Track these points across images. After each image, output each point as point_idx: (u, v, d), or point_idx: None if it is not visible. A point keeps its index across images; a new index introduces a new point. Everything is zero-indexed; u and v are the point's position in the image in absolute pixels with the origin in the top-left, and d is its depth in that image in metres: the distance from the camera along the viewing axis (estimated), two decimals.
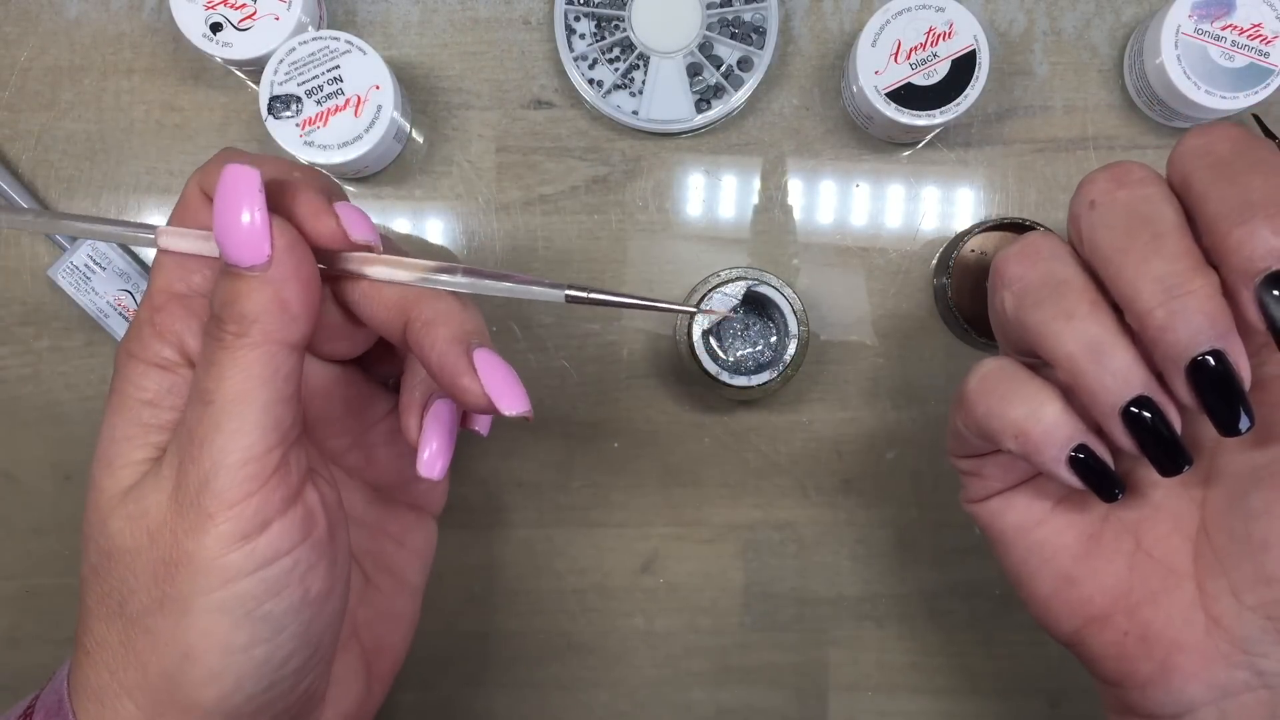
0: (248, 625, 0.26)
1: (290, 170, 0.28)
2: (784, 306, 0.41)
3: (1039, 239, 0.26)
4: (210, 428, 0.26)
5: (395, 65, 0.44)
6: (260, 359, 0.26)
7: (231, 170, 0.26)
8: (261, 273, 0.26)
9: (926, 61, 0.42)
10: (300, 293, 0.26)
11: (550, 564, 0.46)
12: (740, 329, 0.43)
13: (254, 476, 0.26)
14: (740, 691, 0.46)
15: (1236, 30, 0.42)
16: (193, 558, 0.26)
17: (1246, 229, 0.23)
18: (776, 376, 0.41)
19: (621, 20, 0.44)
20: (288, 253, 0.26)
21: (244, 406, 0.26)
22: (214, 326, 0.26)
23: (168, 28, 0.45)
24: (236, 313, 0.26)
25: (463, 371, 0.27)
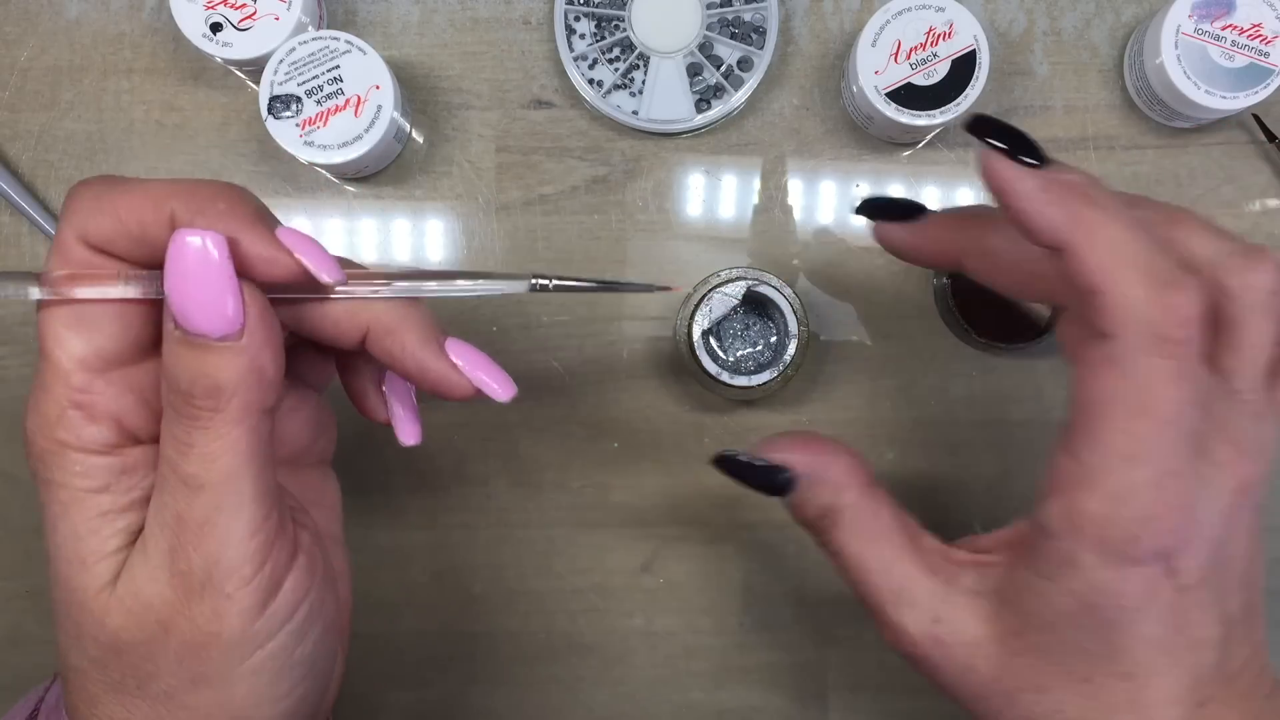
0: (287, 674, 0.27)
1: (214, 198, 0.25)
2: (784, 306, 0.41)
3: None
4: (207, 512, 0.25)
5: (395, 65, 0.44)
6: (246, 434, 0.25)
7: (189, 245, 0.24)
8: (235, 342, 0.24)
9: (926, 61, 0.42)
10: (274, 357, 0.25)
11: (550, 564, 0.46)
12: (740, 329, 0.43)
13: (262, 546, 0.26)
14: (740, 691, 0.46)
15: (1236, 30, 0.42)
16: (220, 638, 0.25)
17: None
18: (776, 377, 0.41)
19: (621, 20, 0.44)
20: (261, 320, 0.25)
21: (239, 484, 0.25)
22: (183, 404, 0.25)
23: (168, 28, 0.45)
24: (211, 388, 0.24)
25: (446, 370, 0.27)
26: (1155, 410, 0.27)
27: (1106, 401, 0.27)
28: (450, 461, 0.46)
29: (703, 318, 0.41)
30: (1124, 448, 0.27)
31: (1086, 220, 0.27)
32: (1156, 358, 0.26)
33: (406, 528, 0.46)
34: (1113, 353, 0.27)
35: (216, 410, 0.25)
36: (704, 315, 0.41)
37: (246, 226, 0.25)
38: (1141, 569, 0.28)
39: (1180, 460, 0.27)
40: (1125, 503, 0.28)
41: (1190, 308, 0.26)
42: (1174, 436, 0.27)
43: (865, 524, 0.33)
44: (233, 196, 0.26)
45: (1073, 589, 0.29)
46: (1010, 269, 0.32)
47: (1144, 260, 0.27)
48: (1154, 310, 0.26)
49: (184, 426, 0.25)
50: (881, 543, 0.33)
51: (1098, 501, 0.28)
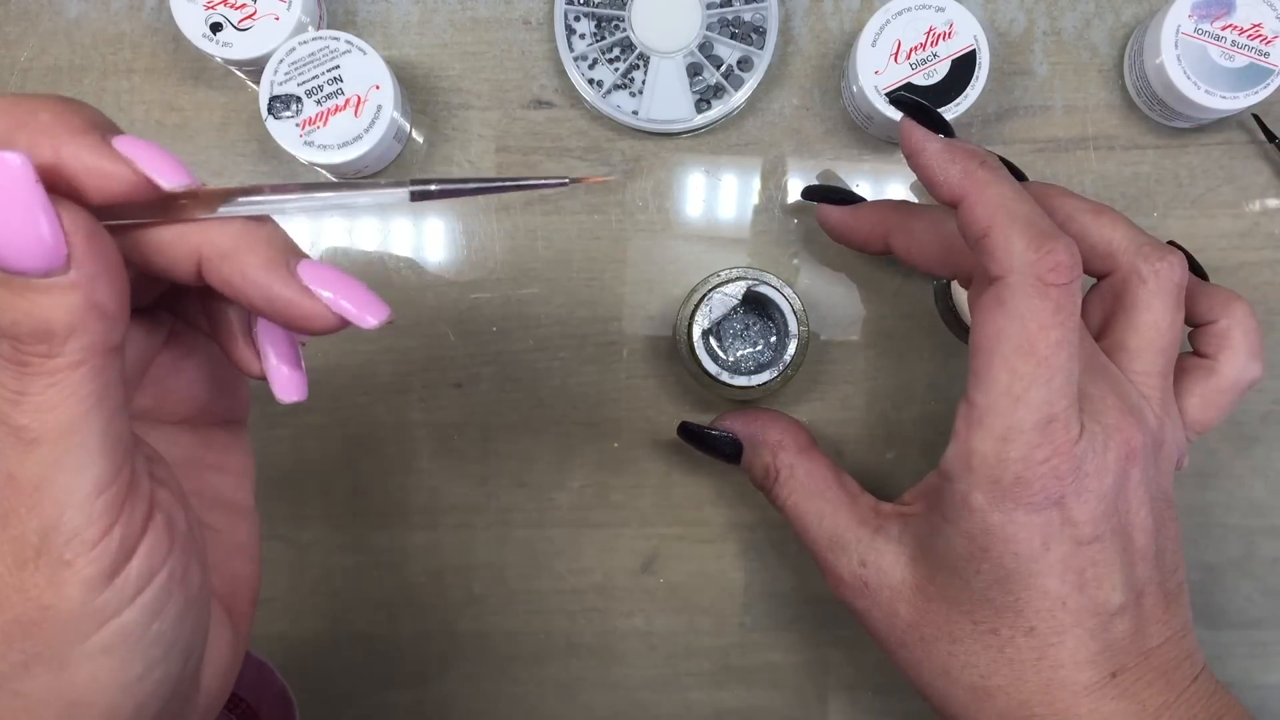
0: (140, 655, 0.23)
1: (36, 110, 0.21)
2: (784, 306, 0.41)
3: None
4: (43, 469, 0.21)
5: (395, 65, 0.44)
6: (87, 377, 0.21)
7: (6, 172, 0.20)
8: (61, 276, 0.20)
9: (926, 61, 0.42)
10: (113, 288, 0.21)
11: (550, 564, 0.46)
12: (740, 329, 0.43)
13: (110, 507, 0.22)
14: (740, 691, 0.46)
15: (1236, 30, 0.42)
16: (55, 611, 0.22)
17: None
18: (776, 377, 0.41)
19: (621, 20, 0.44)
20: (89, 245, 0.21)
21: (81, 436, 0.21)
22: (9, 350, 0.21)
23: (168, 28, 0.45)
24: (39, 331, 0.21)
25: (296, 296, 0.23)
26: (1036, 348, 0.30)
27: (994, 339, 0.30)
28: (450, 461, 0.46)
29: (703, 317, 0.41)
30: (1008, 385, 0.30)
31: (978, 177, 0.31)
32: (1036, 299, 0.30)
33: (406, 528, 0.46)
34: (1000, 293, 0.30)
35: (50, 355, 0.21)
36: (704, 315, 0.41)
37: (73, 137, 0.21)
38: (1034, 515, 0.30)
39: (1061, 406, 0.30)
40: (1011, 442, 0.30)
41: (1065, 256, 0.30)
42: (1054, 377, 0.30)
43: (802, 481, 0.38)
44: (58, 107, 0.21)
45: (968, 530, 0.31)
46: (926, 246, 0.37)
47: (1025, 214, 0.31)
48: (1033, 255, 0.30)
49: (14, 373, 0.21)
50: (817, 497, 0.37)
51: (988, 442, 0.30)
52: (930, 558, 0.33)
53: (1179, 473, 0.47)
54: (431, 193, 0.24)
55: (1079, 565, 0.31)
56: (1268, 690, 0.47)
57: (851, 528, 0.36)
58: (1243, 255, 0.45)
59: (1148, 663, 0.32)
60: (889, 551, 0.34)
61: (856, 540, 0.35)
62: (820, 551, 0.36)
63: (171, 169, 0.22)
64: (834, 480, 0.37)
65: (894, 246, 0.39)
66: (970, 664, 0.32)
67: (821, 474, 0.38)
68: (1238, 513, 0.46)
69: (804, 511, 0.37)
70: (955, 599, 0.32)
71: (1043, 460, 0.30)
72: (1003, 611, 0.31)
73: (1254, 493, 0.46)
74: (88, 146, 0.21)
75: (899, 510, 0.36)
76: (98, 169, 0.21)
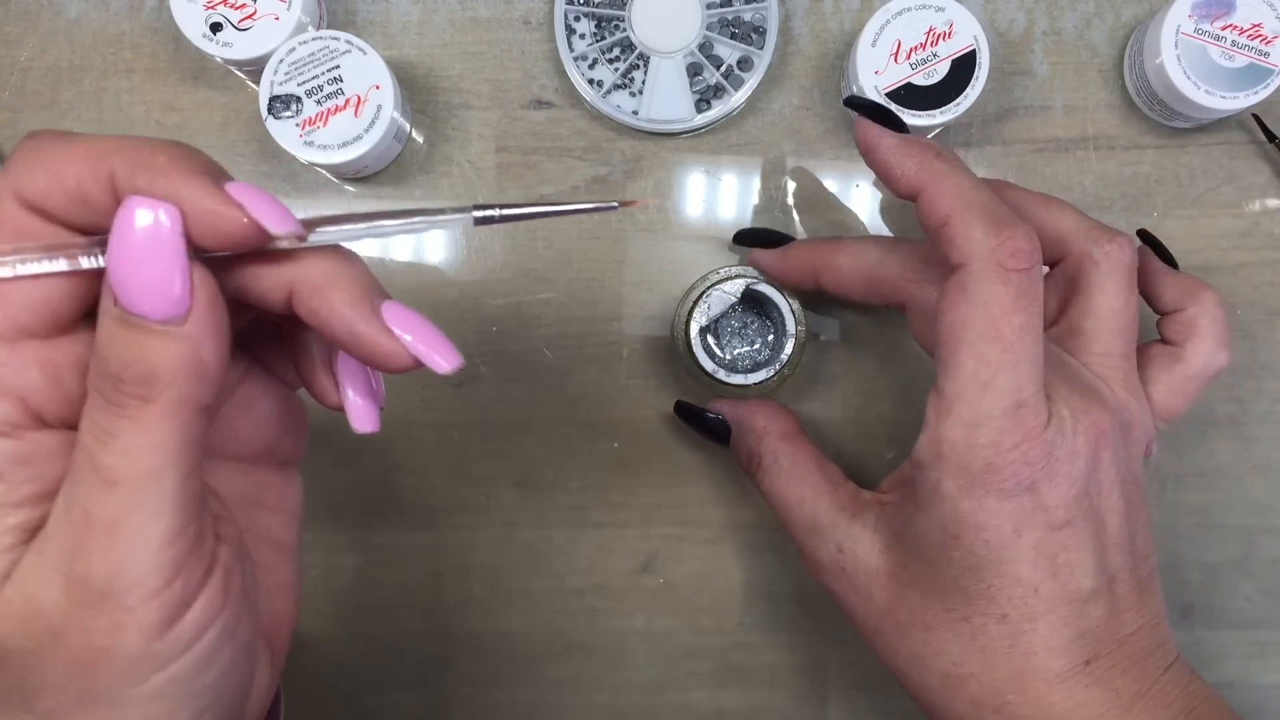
0: (188, 704, 0.24)
1: (154, 152, 0.22)
2: (782, 306, 0.41)
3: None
4: (119, 512, 0.22)
5: (395, 65, 0.44)
6: (175, 429, 0.22)
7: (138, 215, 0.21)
8: (176, 326, 0.22)
9: (926, 61, 0.42)
10: (217, 349, 0.23)
11: (550, 564, 0.46)
12: (738, 327, 0.44)
13: (175, 560, 0.23)
14: (740, 691, 0.46)
15: (1236, 30, 0.42)
16: (113, 654, 0.23)
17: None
18: (773, 376, 0.41)
19: (621, 20, 0.44)
20: (208, 304, 0.22)
21: (159, 485, 0.22)
22: (109, 387, 0.22)
23: (168, 28, 0.45)
24: (144, 374, 0.22)
25: (379, 336, 0.24)
26: (1001, 334, 0.30)
27: (959, 326, 0.30)
28: (450, 461, 0.46)
29: (700, 315, 0.41)
30: (975, 372, 0.30)
31: (935, 169, 0.32)
32: (998, 284, 0.30)
33: (406, 528, 0.46)
34: (962, 280, 0.30)
35: (147, 400, 0.22)
36: (702, 312, 0.41)
37: (190, 180, 0.22)
38: (1005, 502, 0.30)
39: (1029, 391, 0.30)
40: (980, 429, 0.30)
41: (1024, 241, 0.30)
42: (1020, 363, 0.30)
43: (785, 467, 0.38)
44: (175, 151, 0.23)
45: (939, 518, 0.31)
46: (851, 280, 0.38)
47: (983, 202, 0.31)
48: (992, 241, 0.30)
49: (108, 414, 0.22)
50: (799, 483, 0.37)
51: (958, 430, 0.31)
52: (904, 545, 0.33)
53: (1177, 473, 0.47)
54: (494, 218, 0.26)
55: (1051, 551, 0.31)
56: (1268, 690, 0.47)
57: (830, 514, 0.36)
58: (1243, 255, 0.45)
59: (1121, 650, 0.32)
60: (865, 538, 0.35)
61: (834, 526, 0.36)
62: (800, 536, 0.37)
63: (280, 216, 0.23)
64: (815, 467, 0.38)
65: (823, 284, 0.39)
66: (943, 651, 0.32)
67: (804, 461, 0.38)
68: (1238, 513, 0.46)
69: (785, 496, 0.38)
70: (928, 586, 0.32)
71: (1012, 446, 0.30)
72: (974, 599, 0.31)
73: (1254, 493, 0.46)
74: (204, 191, 0.22)
75: (877, 498, 0.36)
76: (213, 214, 0.22)
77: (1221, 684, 0.47)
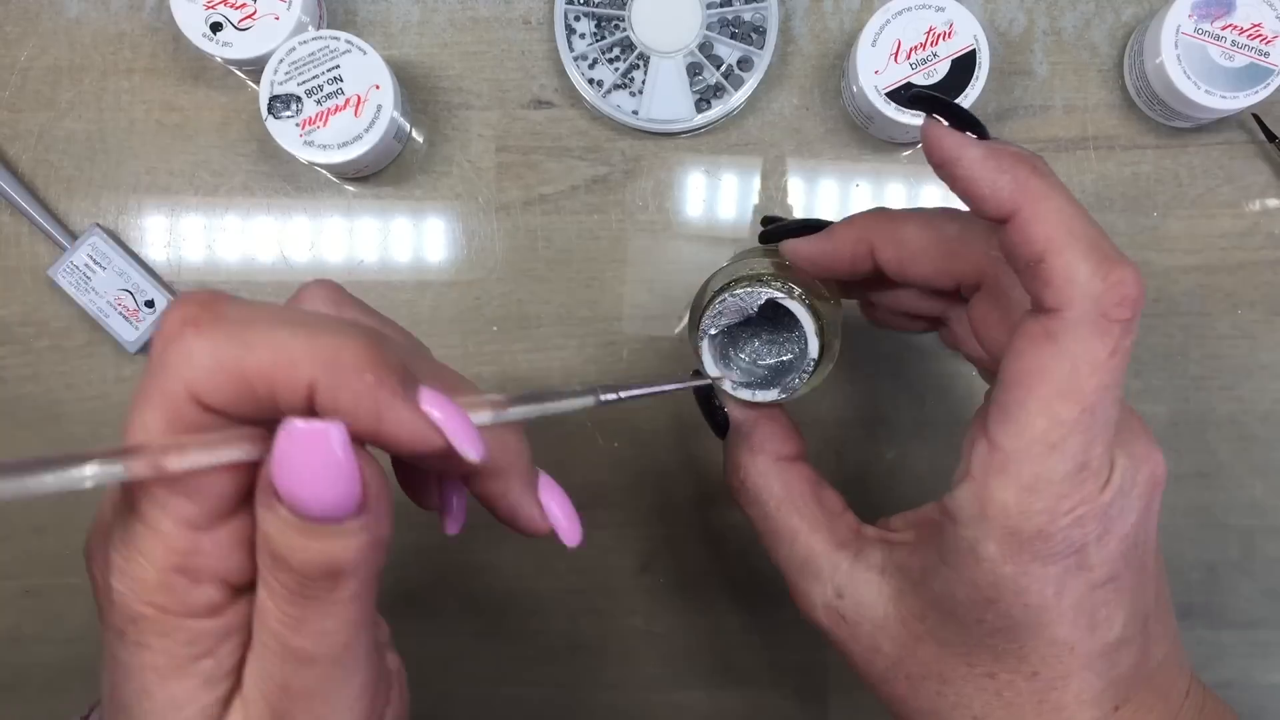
0: None
1: (360, 368, 0.21)
2: (805, 326, 0.33)
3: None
4: (316, 683, 0.23)
5: (395, 65, 0.44)
6: (362, 603, 0.23)
7: (313, 443, 0.21)
8: (353, 520, 0.22)
9: (926, 61, 0.42)
10: (390, 519, 0.23)
11: (550, 564, 0.46)
12: (753, 335, 0.37)
13: (370, 705, 0.24)
14: (740, 691, 0.46)
15: (1236, 30, 0.42)
16: None
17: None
18: (783, 397, 0.35)
19: (621, 20, 0.44)
20: (382, 493, 0.22)
21: (352, 654, 0.23)
22: (292, 583, 0.22)
23: (168, 27, 0.45)
24: (329, 570, 0.22)
25: (536, 518, 0.27)
26: (1082, 393, 0.26)
27: (1035, 379, 0.26)
28: None
29: (710, 322, 0.34)
30: (1045, 433, 0.26)
31: (1033, 188, 0.26)
32: (1095, 338, 0.26)
33: (407, 528, 0.46)
34: (1051, 328, 0.26)
35: (334, 589, 0.22)
36: (712, 319, 0.34)
37: (393, 403, 0.22)
38: (1049, 566, 0.27)
39: (1097, 453, 0.27)
40: (1039, 494, 0.27)
41: (1133, 287, 0.26)
42: (1095, 424, 0.26)
43: (776, 491, 0.33)
44: (379, 363, 0.21)
45: (974, 580, 0.28)
46: (923, 254, 0.32)
47: (1088, 233, 0.26)
48: (1099, 285, 0.25)
49: (294, 603, 0.22)
50: (790, 511, 0.33)
51: (1010, 491, 0.27)
52: (921, 596, 0.30)
53: (1177, 472, 0.47)
54: (617, 399, 0.28)
55: (1091, 607, 0.28)
56: (1268, 690, 0.47)
57: (827, 551, 0.32)
58: (1243, 255, 0.45)
59: (1149, 686, 0.30)
60: (870, 582, 0.31)
61: (833, 566, 0.32)
62: (790, 573, 0.33)
63: (472, 439, 0.23)
64: (811, 495, 0.33)
65: (882, 261, 0.32)
66: (962, 704, 0.30)
67: (799, 488, 0.34)
68: (1238, 513, 0.46)
69: (776, 527, 0.33)
70: (949, 641, 0.30)
71: (1068, 511, 0.27)
72: (1004, 657, 0.29)
73: (1254, 493, 0.46)
74: (408, 415, 0.22)
75: (883, 535, 0.32)
76: (414, 436, 0.22)
77: (1222, 684, 0.47)
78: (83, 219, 0.45)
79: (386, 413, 0.21)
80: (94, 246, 0.44)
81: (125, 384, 0.46)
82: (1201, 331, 0.46)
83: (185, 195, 0.45)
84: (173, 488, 0.22)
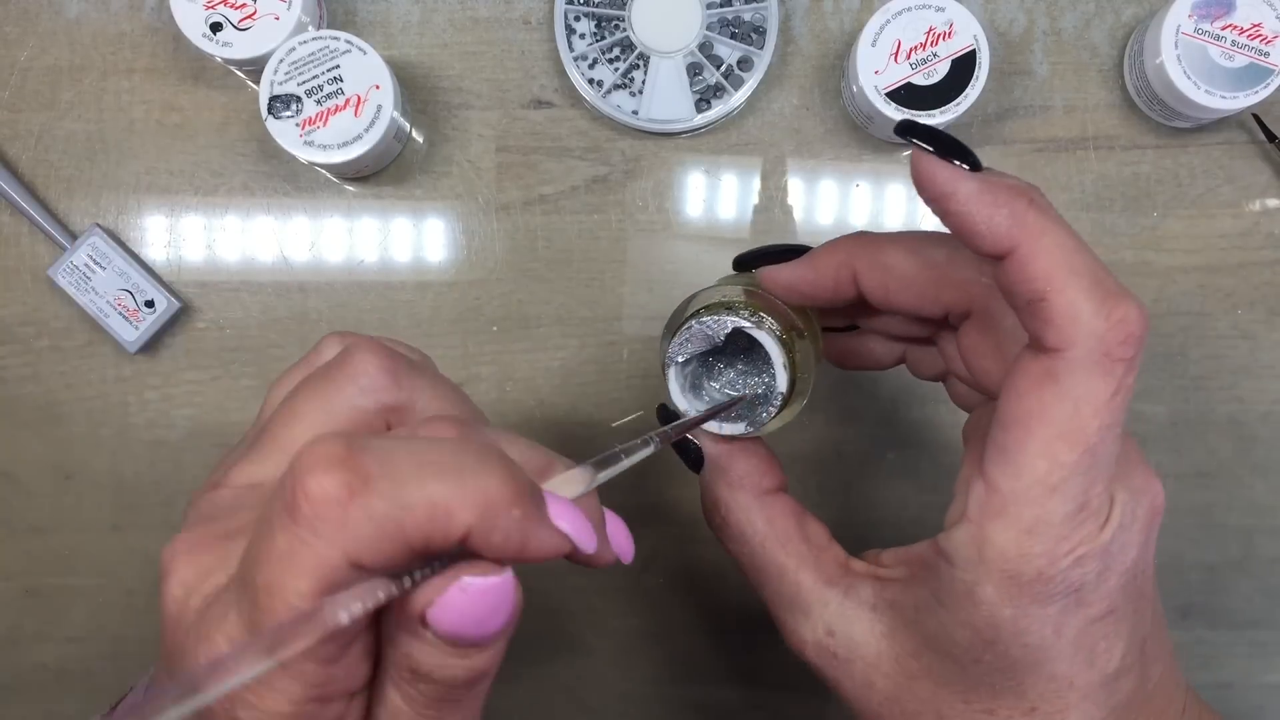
0: None
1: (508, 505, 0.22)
2: (774, 359, 0.31)
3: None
4: None
5: (395, 65, 0.44)
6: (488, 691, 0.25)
7: (490, 587, 0.22)
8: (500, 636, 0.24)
9: (926, 61, 0.42)
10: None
11: (550, 564, 0.46)
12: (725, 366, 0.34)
13: None
14: (741, 691, 0.46)
15: (1236, 30, 0.42)
16: None
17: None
18: (751, 433, 0.33)
19: (621, 20, 0.44)
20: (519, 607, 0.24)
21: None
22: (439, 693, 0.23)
23: (168, 27, 0.45)
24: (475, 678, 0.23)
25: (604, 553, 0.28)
26: (1084, 435, 0.25)
27: (1035, 420, 0.25)
28: None
29: (678, 350, 0.32)
30: (1045, 475, 0.26)
31: (1031, 223, 0.25)
32: (1098, 378, 0.25)
33: None
34: (1053, 368, 0.25)
35: (472, 689, 0.24)
36: (680, 347, 0.32)
37: (538, 529, 0.23)
38: (1048, 607, 0.27)
39: (1097, 491, 0.26)
40: (1038, 537, 0.26)
41: (1136, 324, 0.25)
42: (1096, 465, 0.26)
43: (759, 527, 0.32)
44: (525, 497, 0.23)
45: (971, 621, 0.27)
46: (908, 281, 0.30)
47: (1091, 268, 0.25)
48: (1102, 324, 0.25)
49: (434, 707, 0.24)
50: (776, 548, 0.32)
51: (1010, 534, 0.26)
52: (916, 635, 0.29)
53: (1177, 472, 0.47)
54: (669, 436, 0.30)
55: (1090, 642, 0.28)
56: (1268, 690, 0.47)
57: (816, 588, 0.31)
58: (1243, 255, 0.45)
59: (1149, 707, 0.30)
60: (862, 620, 0.30)
61: (823, 604, 0.31)
62: (778, 612, 0.32)
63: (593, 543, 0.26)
64: (796, 530, 0.32)
65: (866, 289, 0.31)
66: None
67: (783, 523, 0.32)
68: (1238, 513, 0.46)
69: (761, 564, 0.32)
70: (945, 678, 0.29)
71: (1067, 552, 0.26)
72: (1002, 694, 0.28)
73: (1254, 493, 0.46)
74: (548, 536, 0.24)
75: (873, 572, 0.31)
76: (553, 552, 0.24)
77: (1221, 684, 0.47)
78: (82, 219, 0.45)
79: (532, 541, 0.23)
80: (94, 246, 0.44)
81: (125, 384, 0.46)
82: (1201, 331, 0.46)
83: (185, 195, 0.45)
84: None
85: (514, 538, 0.22)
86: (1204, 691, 0.33)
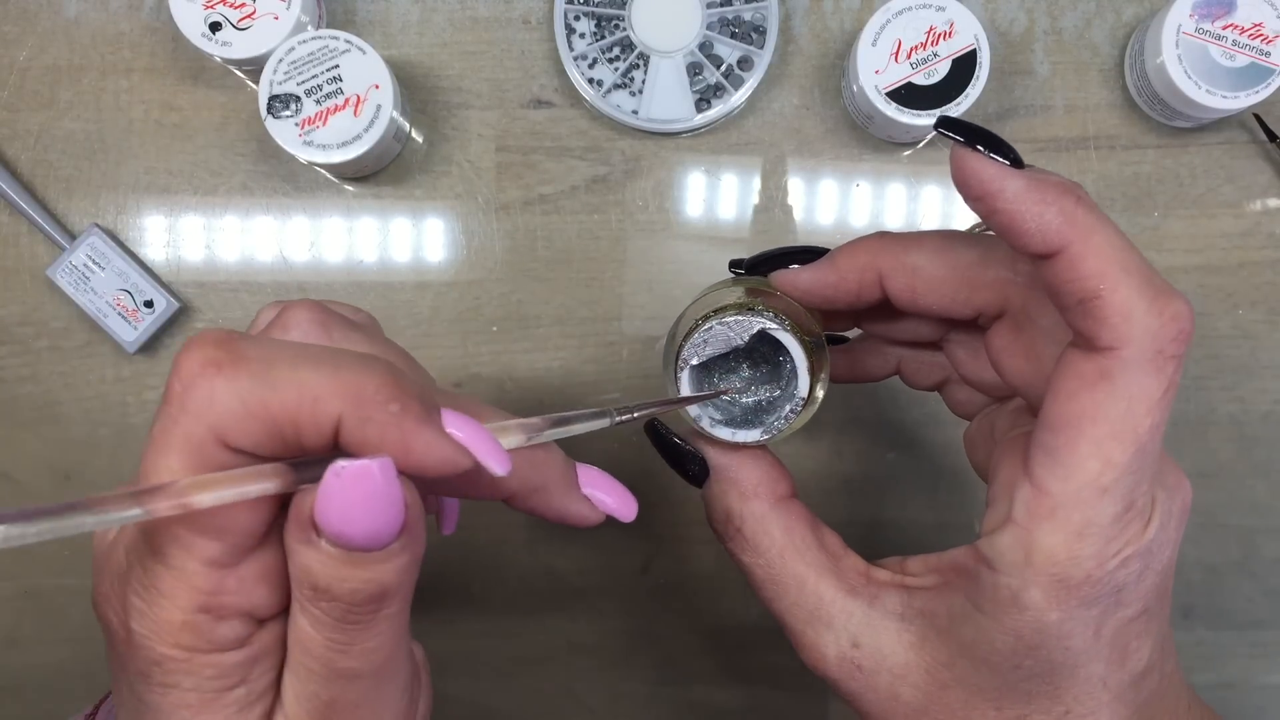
0: None
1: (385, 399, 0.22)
2: (798, 362, 0.30)
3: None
4: (364, 696, 0.24)
5: (395, 65, 0.44)
6: (403, 619, 0.24)
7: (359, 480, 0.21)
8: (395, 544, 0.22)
9: (927, 61, 0.42)
10: (424, 535, 0.23)
11: (550, 564, 0.46)
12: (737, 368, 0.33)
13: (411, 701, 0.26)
14: (740, 691, 0.46)
15: (1237, 30, 0.42)
16: None
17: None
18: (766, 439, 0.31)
19: (621, 20, 0.44)
20: (420, 515, 0.23)
21: (396, 665, 0.24)
22: (338, 610, 0.23)
23: (167, 27, 0.45)
24: (374, 595, 0.22)
25: (584, 512, 0.28)
26: (1137, 434, 0.25)
27: (1087, 419, 0.25)
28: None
29: (693, 351, 0.31)
30: (1097, 476, 0.25)
31: (1081, 221, 0.25)
32: (1151, 376, 0.25)
33: None
34: (1108, 367, 0.25)
35: (379, 610, 0.23)
36: (695, 349, 0.31)
37: (419, 428, 0.22)
38: (1091, 609, 0.27)
39: (1143, 490, 0.26)
40: (1088, 539, 0.26)
41: (1188, 320, 0.25)
42: (1145, 464, 0.26)
43: (776, 537, 0.31)
44: (403, 392, 0.22)
45: (1015, 628, 0.27)
46: (937, 283, 0.30)
47: (1141, 267, 0.25)
48: (1155, 322, 0.24)
49: (341, 629, 0.23)
50: (794, 558, 0.31)
51: (1059, 537, 0.26)
52: (948, 643, 0.29)
53: None
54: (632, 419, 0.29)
55: (1124, 641, 0.28)
56: (1269, 690, 0.47)
57: (839, 599, 0.30)
58: (1244, 255, 0.45)
59: (1162, 704, 0.30)
60: (889, 630, 0.30)
61: (846, 615, 0.30)
62: (796, 625, 0.31)
63: (499, 457, 0.24)
64: (813, 539, 0.31)
65: (893, 291, 0.30)
66: None
67: (800, 531, 0.31)
68: (1238, 513, 0.46)
69: (778, 575, 0.31)
70: (978, 687, 0.28)
71: (1115, 554, 0.26)
72: (1035, 698, 0.28)
73: (1254, 493, 0.46)
74: (435, 439, 0.22)
75: (899, 581, 0.31)
76: (442, 460, 0.22)
77: (1222, 684, 0.47)
78: (81, 219, 0.45)
79: (414, 440, 0.22)
80: (93, 246, 0.44)
81: (124, 384, 0.46)
82: (1201, 331, 0.45)
83: (184, 195, 0.45)
84: (196, 527, 0.22)
85: (391, 434, 0.21)
86: (1205, 692, 0.33)
